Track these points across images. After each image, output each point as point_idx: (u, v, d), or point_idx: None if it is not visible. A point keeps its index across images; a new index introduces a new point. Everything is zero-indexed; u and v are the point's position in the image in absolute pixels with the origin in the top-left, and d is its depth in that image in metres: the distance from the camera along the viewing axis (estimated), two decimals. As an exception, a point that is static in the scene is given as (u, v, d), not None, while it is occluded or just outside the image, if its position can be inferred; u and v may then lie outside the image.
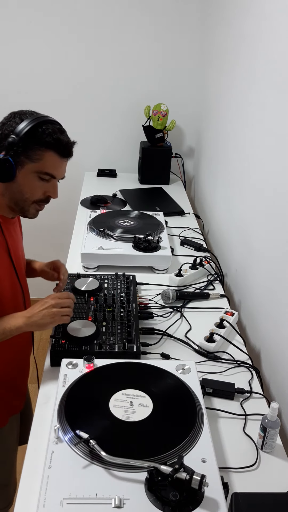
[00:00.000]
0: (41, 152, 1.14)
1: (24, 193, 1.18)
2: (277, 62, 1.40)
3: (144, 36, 2.54)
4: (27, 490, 0.94)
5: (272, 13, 1.45)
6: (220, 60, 2.17)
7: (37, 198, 1.21)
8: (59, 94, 2.65)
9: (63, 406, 1.06)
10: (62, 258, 1.89)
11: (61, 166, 1.19)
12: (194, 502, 0.86)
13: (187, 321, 1.51)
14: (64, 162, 1.20)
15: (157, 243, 1.78)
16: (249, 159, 1.67)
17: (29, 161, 1.14)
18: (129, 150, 2.79)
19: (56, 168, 1.18)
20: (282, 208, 1.32)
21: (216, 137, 2.23)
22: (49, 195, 1.22)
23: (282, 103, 1.34)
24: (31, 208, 1.22)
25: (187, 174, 2.82)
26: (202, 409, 1.07)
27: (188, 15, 2.50)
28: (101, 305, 1.46)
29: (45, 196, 1.22)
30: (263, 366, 1.43)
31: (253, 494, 0.85)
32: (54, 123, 1.18)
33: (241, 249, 1.74)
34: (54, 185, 1.21)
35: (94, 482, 0.89)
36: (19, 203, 1.20)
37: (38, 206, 1.23)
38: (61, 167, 1.20)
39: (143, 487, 0.89)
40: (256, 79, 1.61)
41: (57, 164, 1.18)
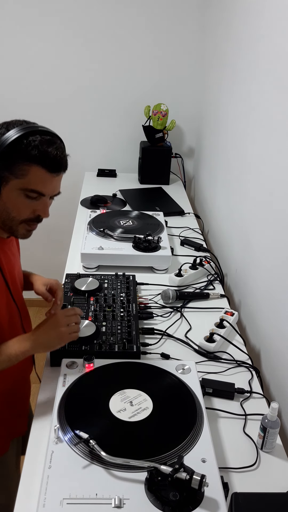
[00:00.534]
0: (25, 167, 1.01)
1: (10, 212, 1.06)
2: (277, 62, 1.40)
3: (144, 36, 2.54)
4: (27, 490, 0.94)
5: (272, 13, 1.45)
6: (220, 60, 2.17)
7: (25, 218, 1.07)
8: (59, 94, 2.65)
9: (63, 406, 1.06)
10: (62, 258, 1.90)
11: (50, 182, 1.05)
12: (194, 502, 0.86)
13: (187, 321, 1.51)
14: (55, 178, 1.05)
15: (157, 243, 1.78)
16: (249, 159, 1.67)
17: (13, 177, 1.01)
18: (129, 150, 2.79)
19: (44, 184, 1.04)
20: (282, 208, 1.32)
21: (216, 137, 2.23)
22: (39, 214, 1.09)
23: (282, 103, 1.34)
24: (20, 228, 1.09)
25: (187, 174, 2.82)
26: (202, 409, 1.07)
27: (188, 15, 2.50)
28: (101, 305, 1.46)
29: (35, 215, 1.09)
30: (263, 366, 1.43)
31: (253, 494, 0.85)
32: (43, 134, 1.03)
33: (241, 249, 1.74)
34: (44, 203, 1.08)
35: (94, 482, 0.89)
36: (6, 222, 1.08)
37: (28, 226, 1.10)
38: (50, 183, 1.05)
39: (143, 487, 0.89)
40: (256, 79, 1.61)
41: (45, 180, 1.04)
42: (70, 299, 1.48)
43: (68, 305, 1.44)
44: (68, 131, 2.78)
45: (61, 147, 1.05)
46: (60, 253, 2.13)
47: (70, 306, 1.43)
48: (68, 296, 1.49)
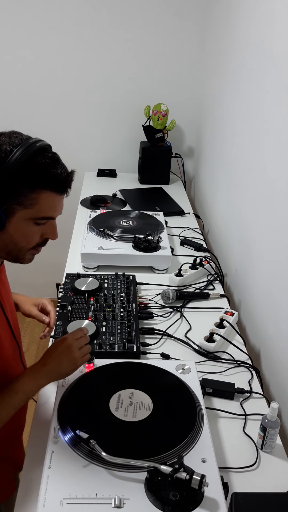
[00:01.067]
0: (35, 195, 0.91)
1: (19, 243, 0.97)
2: (277, 61, 1.40)
3: (144, 36, 2.53)
4: (27, 490, 0.94)
5: (272, 13, 1.45)
6: (220, 60, 2.17)
7: (34, 245, 1.00)
8: (59, 94, 2.65)
9: (63, 406, 1.06)
10: (62, 258, 1.89)
11: (59, 204, 0.98)
12: (194, 502, 0.86)
13: (187, 321, 1.51)
14: (63, 198, 0.98)
15: (157, 243, 1.78)
16: (249, 159, 1.67)
17: (21, 207, 0.92)
18: (129, 150, 2.79)
19: (55, 208, 0.97)
20: (282, 208, 1.32)
21: (216, 137, 2.23)
22: (47, 237, 1.02)
23: (283, 103, 1.34)
24: (27, 255, 1.02)
25: (187, 174, 2.82)
26: (202, 409, 1.07)
27: (188, 15, 2.50)
28: (101, 305, 1.46)
29: (42, 240, 1.01)
30: (263, 366, 1.43)
31: (253, 494, 0.85)
32: (44, 151, 0.93)
33: (241, 249, 1.74)
34: (52, 226, 1.01)
35: (94, 482, 0.89)
36: (13, 253, 0.99)
37: (35, 250, 1.02)
38: (59, 205, 0.98)
39: (143, 487, 0.89)
40: (256, 79, 1.61)
41: (55, 204, 0.96)
42: (70, 299, 1.48)
43: (67, 305, 1.44)
44: (68, 131, 2.80)
45: (62, 162, 0.96)
46: (60, 253, 2.12)
47: (70, 306, 1.43)
48: (68, 296, 1.49)
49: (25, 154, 0.89)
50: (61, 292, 1.51)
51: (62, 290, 1.52)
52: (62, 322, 1.36)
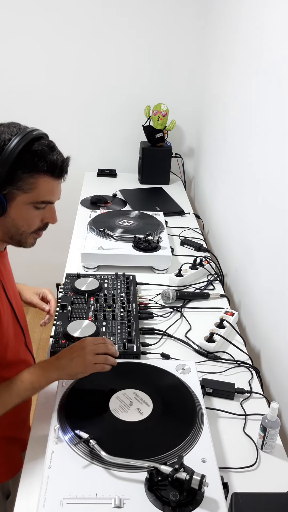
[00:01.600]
0: (33, 180, 0.98)
1: (20, 227, 1.03)
2: (277, 62, 1.40)
3: (144, 36, 2.54)
4: (27, 490, 0.94)
5: (272, 13, 1.45)
6: (220, 60, 2.17)
7: (35, 228, 1.07)
8: (59, 94, 2.65)
9: (63, 406, 1.06)
10: (62, 258, 1.89)
11: (57, 188, 1.05)
12: (194, 502, 0.86)
13: (187, 321, 1.51)
14: (60, 183, 1.05)
15: (157, 243, 1.78)
16: (249, 159, 1.67)
17: (21, 192, 0.98)
18: (129, 150, 2.79)
19: (53, 192, 1.03)
20: (282, 207, 1.32)
21: (216, 137, 2.23)
22: (47, 221, 1.08)
23: (283, 103, 1.34)
24: (29, 239, 1.08)
25: (187, 174, 2.82)
26: (202, 409, 1.07)
27: (188, 15, 2.49)
28: (101, 305, 1.46)
29: (43, 224, 1.08)
30: (263, 366, 1.43)
31: (253, 494, 0.85)
32: (40, 138, 1.00)
33: (241, 249, 1.74)
34: (51, 210, 1.07)
35: (94, 482, 0.89)
36: (15, 237, 1.05)
37: (36, 234, 1.09)
38: (57, 189, 1.05)
39: (143, 487, 0.89)
40: (256, 79, 1.61)
41: (53, 188, 1.03)
42: (70, 299, 1.48)
43: (67, 305, 1.44)
44: (68, 131, 2.79)
45: (58, 149, 1.03)
46: (60, 253, 2.12)
47: (70, 307, 1.43)
48: (68, 296, 1.49)
49: (22, 141, 0.95)
50: (61, 292, 1.51)
51: (62, 290, 1.52)
52: (62, 322, 1.36)
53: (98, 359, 1.07)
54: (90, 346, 1.08)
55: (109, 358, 1.09)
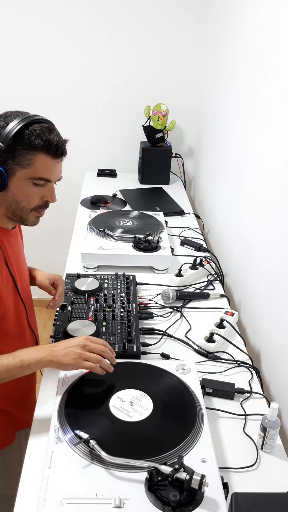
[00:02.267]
0: (31, 157, 1.06)
1: (20, 202, 1.10)
2: (277, 62, 1.40)
3: (144, 36, 2.53)
4: (27, 490, 0.94)
5: (272, 15, 1.45)
6: (220, 60, 2.17)
7: (35, 205, 1.13)
8: (59, 94, 2.65)
9: (63, 406, 1.06)
10: (62, 258, 1.89)
11: (55, 168, 1.11)
12: (194, 502, 0.86)
13: (187, 321, 1.51)
14: (58, 163, 1.12)
15: (157, 243, 1.78)
16: (249, 159, 1.67)
17: (20, 167, 1.06)
18: (129, 150, 2.79)
19: (50, 171, 1.10)
20: (282, 207, 1.32)
21: (216, 137, 2.23)
22: (47, 200, 1.14)
23: (282, 103, 1.34)
24: (30, 216, 1.14)
25: (187, 174, 2.82)
26: (202, 409, 1.07)
27: (189, 16, 2.49)
28: (101, 305, 1.46)
29: (43, 202, 1.14)
30: (263, 366, 1.43)
31: (253, 494, 0.85)
32: (41, 122, 1.09)
33: (241, 249, 1.74)
34: (50, 189, 1.13)
35: (94, 482, 0.89)
36: (17, 213, 1.13)
37: (37, 213, 1.15)
38: (55, 169, 1.11)
39: (143, 487, 0.89)
40: (256, 79, 1.61)
41: (50, 166, 1.09)
42: (70, 299, 1.48)
43: (67, 305, 1.44)
44: (68, 131, 2.76)
45: (59, 133, 1.11)
46: (60, 253, 2.12)
47: (70, 307, 1.43)
48: (68, 296, 1.49)
49: (23, 121, 1.05)
50: (61, 292, 1.51)
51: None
52: (62, 322, 1.36)
53: (91, 357, 1.08)
54: (87, 343, 1.10)
55: (102, 360, 1.10)
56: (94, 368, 1.08)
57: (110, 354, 1.13)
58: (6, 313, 1.15)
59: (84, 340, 1.10)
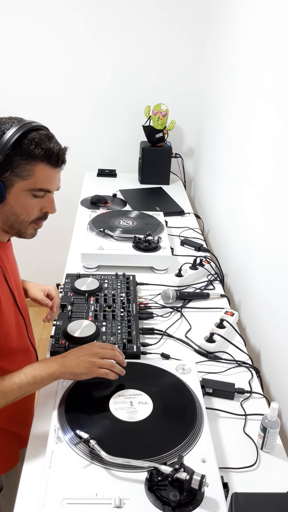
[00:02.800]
0: (31, 167, 1.00)
1: (19, 215, 1.05)
2: (277, 63, 1.40)
3: (144, 36, 2.53)
4: (27, 490, 0.94)
5: (271, 13, 1.45)
6: (220, 60, 2.17)
7: (34, 217, 1.07)
8: (59, 94, 2.65)
9: (63, 406, 1.06)
10: (62, 258, 1.89)
11: (55, 177, 1.06)
12: (194, 502, 0.86)
13: (187, 321, 1.51)
14: (58, 172, 1.07)
15: (157, 243, 1.78)
16: (249, 158, 1.67)
17: (19, 179, 1.00)
18: (129, 150, 2.79)
19: (50, 181, 1.05)
20: (282, 207, 1.32)
21: (216, 137, 2.23)
22: (46, 211, 1.09)
23: (282, 103, 1.34)
24: (29, 229, 1.09)
25: (187, 174, 2.82)
26: (202, 409, 1.07)
27: (189, 16, 2.49)
28: (101, 305, 1.46)
29: (42, 213, 1.09)
30: (263, 366, 1.43)
31: (253, 494, 0.85)
32: (39, 129, 1.03)
33: (241, 249, 1.74)
34: (50, 199, 1.08)
35: (94, 482, 0.89)
36: (15, 226, 1.07)
37: (36, 225, 1.10)
38: (55, 178, 1.06)
39: (143, 487, 0.89)
40: (256, 79, 1.61)
41: (50, 176, 1.04)
42: (70, 299, 1.48)
43: (67, 305, 1.44)
44: (68, 131, 2.79)
45: (57, 140, 1.05)
46: (60, 253, 2.12)
47: (70, 307, 1.43)
48: (68, 296, 1.49)
49: (21, 129, 0.98)
50: (61, 292, 1.51)
51: (62, 290, 1.52)
52: (62, 322, 1.36)
53: (103, 363, 1.08)
54: (97, 350, 1.09)
55: (115, 365, 1.10)
56: (108, 374, 1.07)
57: (121, 357, 1.12)
58: (9, 331, 1.12)
59: (94, 347, 1.10)
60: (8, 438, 1.20)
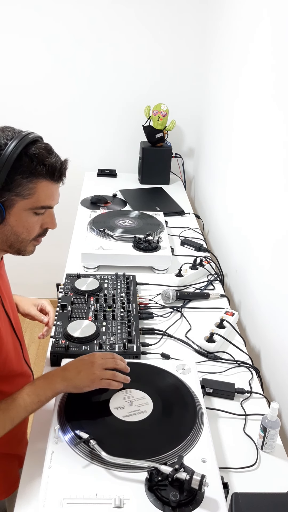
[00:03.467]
0: (32, 185, 0.95)
1: (20, 234, 1.00)
2: (277, 63, 1.40)
3: (144, 36, 2.53)
4: (27, 490, 0.94)
5: (272, 13, 1.45)
6: (220, 60, 2.17)
7: (35, 235, 1.03)
8: (60, 94, 2.65)
9: (63, 406, 1.06)
10: (62, 258, 1.89)
11: (56, 192, 1.01)
12: (194, 502, 0.86)
13: (187, 321, 1.51)
14: (59, 187, 1.02)
15: (157, 243, 1.78)
16: (248, 158, 1.67)
17: (20, 198, 0.95)
18: (129, 150, 2.79)
19: (53, 197, 1.00)
20: (282, 207, 1.32)
21: (216, 137, 2.23)
22: (47, 227, 1.05)
23: (282, 103, 1.34)
24: (29, 247, 1.04)
25: (187, 174, 2.82)
26: (202, 409, 1.07)
27: (189, 15, 2.49)
28: (101, 305, 1.46)
29: (43, 229, 1.05)
30: (263, 366, 1.43)
31: (253, 494, 0.85)
32: (36, 141, 0.96)
33: (241, 249, 1.74)
34: (51, 215, 1.04)
35: (94, 482, 0.89)
36: (15, 245, 1.02)
37: (36, 241, 1.05)
38: (56, 193, 1.02)
39: (143, 487, 0.89)
40: (256, 79, 1.61)
41: (52, 192, 1.00)
42: (70, 299, 1.48)
43: (67, 305, 1.44)
44: (68, 131, 2.79)
45: (55, 152, 1.00)
46: (60, 253, 2.12)
47: (70, 307, 1.43)
48: (68, 296, 1.49)
49: (19, 145, 0.92)
50: (61, 292, 1.51)
51: (62, 290, 1.52)
52: (62, 322, 1.36)
53: (106, 374, 1.06)
54: (99, 361, 1.07)
55: (117, 374, 1.08)
56: (111, 384, 1.06)
57: (123, 364, 1.10)
58: (8, 355, 1.09)
59: (95, 358, 1.07)
60: (8, 461, 1.17)
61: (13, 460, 1.19)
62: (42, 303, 1.36)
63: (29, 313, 1.33)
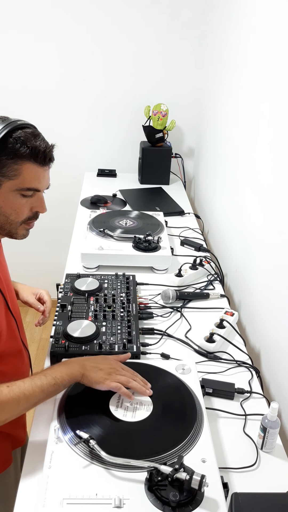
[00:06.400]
0: (17, 166, 0.99)
1: (9, 215, 1.04)
2: (277, 62, 1.40)
3: (144, 36, 2.54)
4: (27, 490, 0.94)
5: (272, 14, 1.45)
6: (221, 60, 2.17)
7: (25, 218, 1.06)
8: (59, 94, 2.65)
9: (63, 406, 1.06)
10: (62, 258, 1.90)
11: (43, 176, 1.05)
12: (194, 502, 0.86)
13: (187, 321, 1.51)
14: (46, 171, 1.05)
15: (157, 243, 1.78)
16: (248, 158, 1.67)
17: (6, 179, 0.99)
18: (129, 150, 2.79)
19: (39, 179, 1.04)
20: (282, 207, 1.32)
21: (216, 137, 2.23)
22: (36, 210, 1.08)
23: (283, 103, 1.34)
24: (20, 230, 1.08)
25: (187, 174, 2.82)
26: (202, 409, 1.07)
27: (189, 15, 2.49)
28: (101, 305, 1.46)
29: (33, 213, 1.08)
30: (263, 366, 1.43)
31: (253, 494, 0.85)
32: (24, 127, 1.02)
33: (241, 249, 1.74)
34: (40, 198, 1.07)
35: (94, 482, 0.89)
36: (5, 227, 1.06)
37: (26, 225, 1.09)
38: (43, 177, 1.05)
39: (143, 487, 0.89)
40: (256, 79, 1.61)
41: (38, 175, 1.03)
42: (70, 299, 1.48)
43: (67, 305, 1.44)
44: (68, 131, 2.80)
45: (44, 138, 1.04)
46: (60, 253, 2.12)
47: (70, 307, 1.43)
48: (68, 296, 1.49)
49: (5, 128, 0.97)
50: (61, 292, 1.51)
51: (62, 290, 1.52)
52: (62, 322, 1.36)
53: (119, 379, 1.07)
54: (117, 365, 1.10)
55: (133, 382, 1.08)
56: (120, 388, 1.06)
57: (138, 386, 1.08)
58: (1, 333, 1.10)
59: (116, 363, 1.11)
60: (2, 440, 1.19)
61: (7, 439, 1.20)
62: (40, 292, 1.39)
63: (27, 301, 1.36)
